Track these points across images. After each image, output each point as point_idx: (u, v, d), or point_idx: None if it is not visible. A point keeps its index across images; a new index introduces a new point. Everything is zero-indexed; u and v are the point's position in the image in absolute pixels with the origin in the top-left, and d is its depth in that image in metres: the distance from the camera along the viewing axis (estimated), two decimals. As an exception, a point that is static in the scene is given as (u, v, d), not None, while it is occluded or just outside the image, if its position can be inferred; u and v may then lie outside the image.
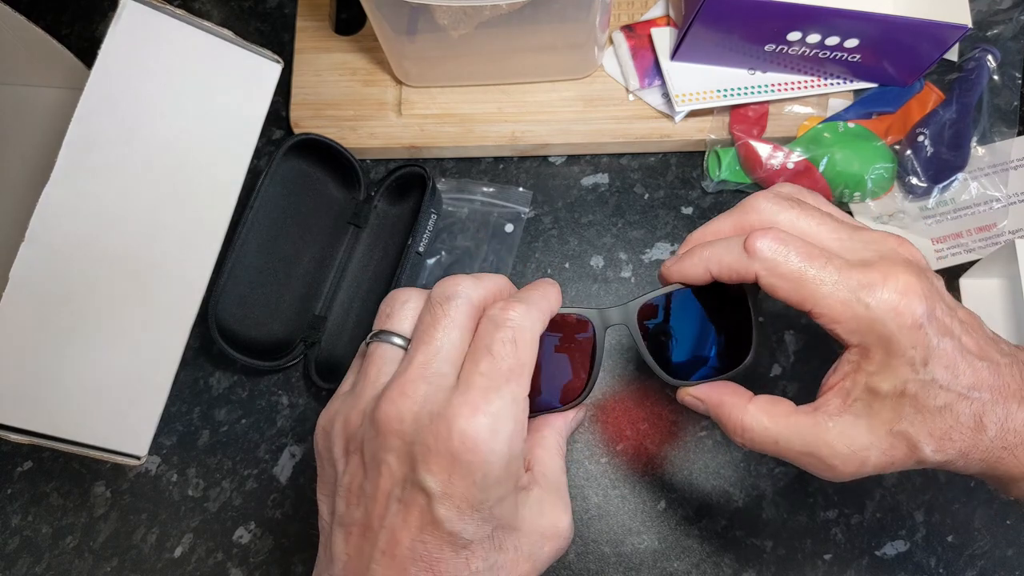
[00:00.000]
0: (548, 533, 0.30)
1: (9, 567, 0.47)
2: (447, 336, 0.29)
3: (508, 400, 0.27)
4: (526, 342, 0.28)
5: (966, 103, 0.50)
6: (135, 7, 0.42)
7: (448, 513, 0.26)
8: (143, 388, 0.45)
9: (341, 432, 0.29)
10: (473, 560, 0.27)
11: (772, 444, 0.32)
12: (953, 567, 0.45)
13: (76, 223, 0.42)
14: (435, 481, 0.26)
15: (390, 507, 0.27)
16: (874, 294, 0.29)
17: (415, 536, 0.27)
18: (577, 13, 0.45)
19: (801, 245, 0.30)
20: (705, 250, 0.32)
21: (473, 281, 0.30)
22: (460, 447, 0.26)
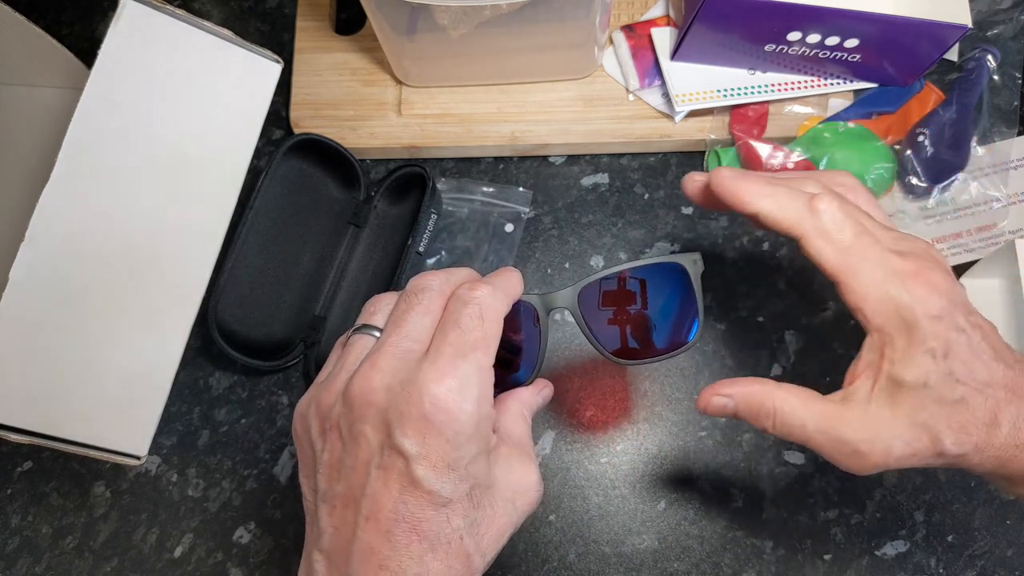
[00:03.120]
0: (520, 487, 0.31)
1: (9, 567, 0.47)
2: (419, 319, 0.30)
3: (474, 367, 0.29)
4: (491, 318, 0.30)
5: (966, 103, 0.50)
6: (135, 7, 0.42)
7: (426, 472, 0.28)
8: (143, 388, 0.45)
9: (316, 413, 0.31)
10: (454, 518, 0.28)
11: (800, 429, 0.32)
12: (953, 567, 0.45)
13: (76, 223, 0.42)
14: (411, 443, 0.28)
15: (370, 474, 0.28)
16: (908, 282, 0.31)
17: (396, 498, 0.28)
18: (577, 13, 0.45)
19: (856, 221, 0.32)
20: (768, 186, 0.33)
21: (445, 274, 0.32)
22: (432, 409, 0.28)
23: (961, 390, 0.30)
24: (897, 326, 0.31)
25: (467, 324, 0.30)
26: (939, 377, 0.30)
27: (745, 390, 0.34)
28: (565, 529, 0.47)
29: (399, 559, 0.28)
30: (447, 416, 0.28)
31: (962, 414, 0.30)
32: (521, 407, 0.35)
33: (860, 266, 0.31)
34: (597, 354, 0.49)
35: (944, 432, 0.31)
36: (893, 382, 0.31)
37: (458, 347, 0.29)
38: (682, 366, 0.49)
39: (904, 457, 0.31)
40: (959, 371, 0.30)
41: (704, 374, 0.49)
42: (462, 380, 0.28)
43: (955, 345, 0.30)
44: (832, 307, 0.50)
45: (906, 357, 0.31)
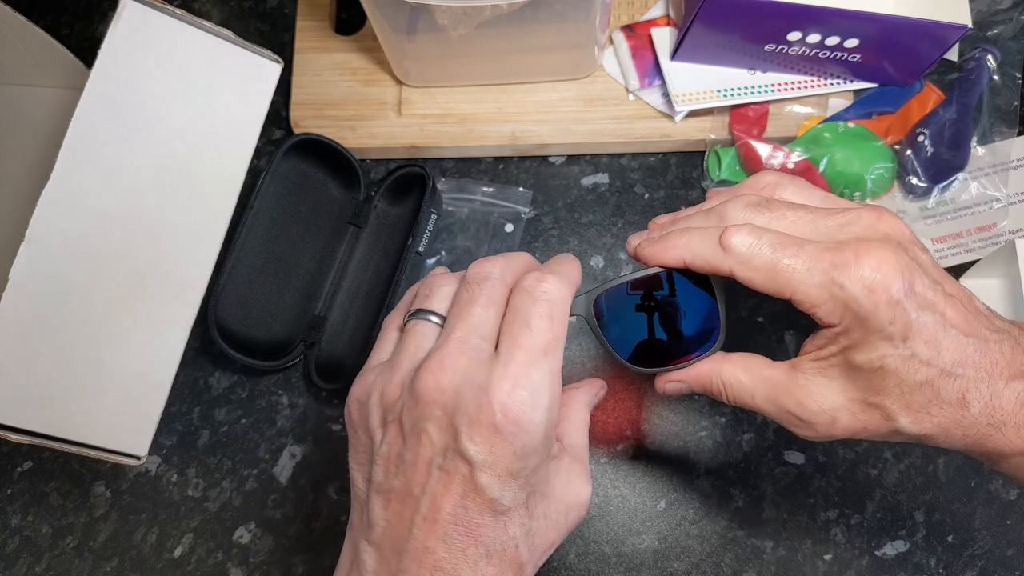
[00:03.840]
0: (573, 502, 0.31)
1: (9, 567, 0.47)
2: (484, 312, 0.30)
3: (546, 373, 0.28)
4: (560, 316, 0.29)
5: (966, 103, 0.50)
6: (135, 7, 0.42)
7: (490, 481, 0.27)
8: (143, 388, 0.45)
9: (378, 403, 0.30)
10: (511, 526, 0.28)
11: (749, 398, 0.33)
12: (953, 567, 0.45)
13: (76, 223, 0.42)
14: (478, 451, 0.27)
15: (431, 474, 0.28)
16: (847, 273, 0.29)
17: (457, 502, 0.28)
18: (577, 13, 0.45)
19: (774, 236, 0.30)
20: (681, 237, 0.32)
21: (504, 261, 0.31)
22: (503, 419, 0.27)
23: (925, 372, 0.29)
24: (852, 320, 0.29)
25: (537, 325, 0.29)
26: (898, 360, 0.29)
27: (694, 373, 0.34)
28: (565, 529, 0.47)
29: (454, 562, 0.28)
30: (518, 428, 0.27)
31: (925, 395, 0.29)
32: (584, 413, 0.34)
33: (793, 277, 0.30)
34: (596, 357, 0.50)
35: (900, 412, 0.30)
36: (847, 362, 0.30)
37: (530, 352, 0.28)
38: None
39: (853, 429, 0.31)
40: (923, 352, 0.29)
41: (704, 374, 0.49)
42: (534, 390, 0.28)
43: (916, 325, 0.29)
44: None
45: (862, 343, 0.30)
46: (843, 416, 0.31)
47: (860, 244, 0.29)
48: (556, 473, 0.31)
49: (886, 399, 0.30)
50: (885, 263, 0.29)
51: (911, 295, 0.29)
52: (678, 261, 0.33)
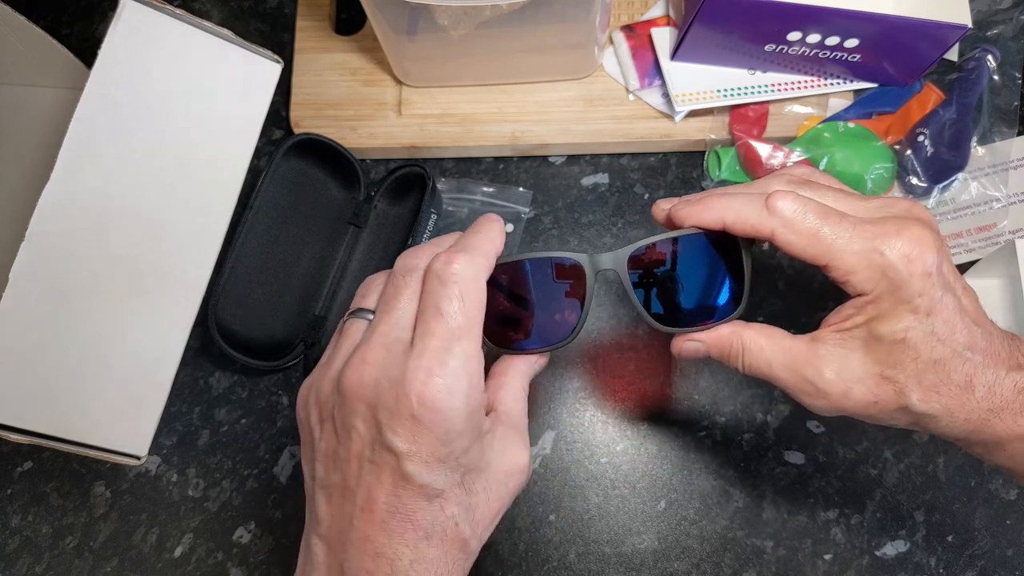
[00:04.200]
0: (512, 469, 0.31)
1: (9, 567, 0.47)
2: (407, 305, 0.30)
3: (461, 359, 0.29)
4: (472, 296, 0.30)
5: (966, 103, 0.50)
6: (135, 7, 0.42)
7: (417, 468, 0.28)
8: (143, 388, 0.45)
9: (315, 401, 0.31)
10: (447, 506, 0.29)
11: (766, 366, 0.33)
12: (953, 567, 0.45)
13: (76, 223, 0.42)
14: (401, 441, 0.28)
15: (363, 467, 0.29)
16: (888, 242, 0.30)
17: (390, 492, 0.29)
18: (577, 13, 0.45)
19: (818, 205, 0.32)
20: (723, 200, 0.33)
21: (431, 250, 0.31)
22: (420, 410, 0.28)
23: (941, 350, 0.30)
24: (885, 288, 0.30)
25: (447, 309, 0.29)
26: (920, 334, 0.30)
27: (715, 334, 0.34)
28: (565, 529, 0.47)
29: (394, 547, 0.29)
30: (437, 415, 0.28)
31: (937, 374, 0.30)
32: (522, 381, 0.34)
33: (835, 244, 0.31)
34: (597, 354, 0.50)
35: (913, 388, 0.31)
36: (869, 333, 0.31)
37: (442, 338, 0.29)
38: (682, 366, 0.49)
39: (865, 403, 0.32)
40: (941, 331, 0.30)
41: (704, 374, 0.49)
42: (450, 377, 0.28)
43: (940, 304, 0.30)
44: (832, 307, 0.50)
45: (889, 313, 0.31)
46: (857, 388, 0.31)
47: (900, 220, 0.31)
48: (490, 446, 0.31)
49: (901, 373, 0.31)
50: (924, 239, 0.30)
51: (940, 274, 0.30)
52: (718, 222, 0.33)
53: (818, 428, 0.48)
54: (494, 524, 0.31)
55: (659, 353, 0.50)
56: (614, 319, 0.50)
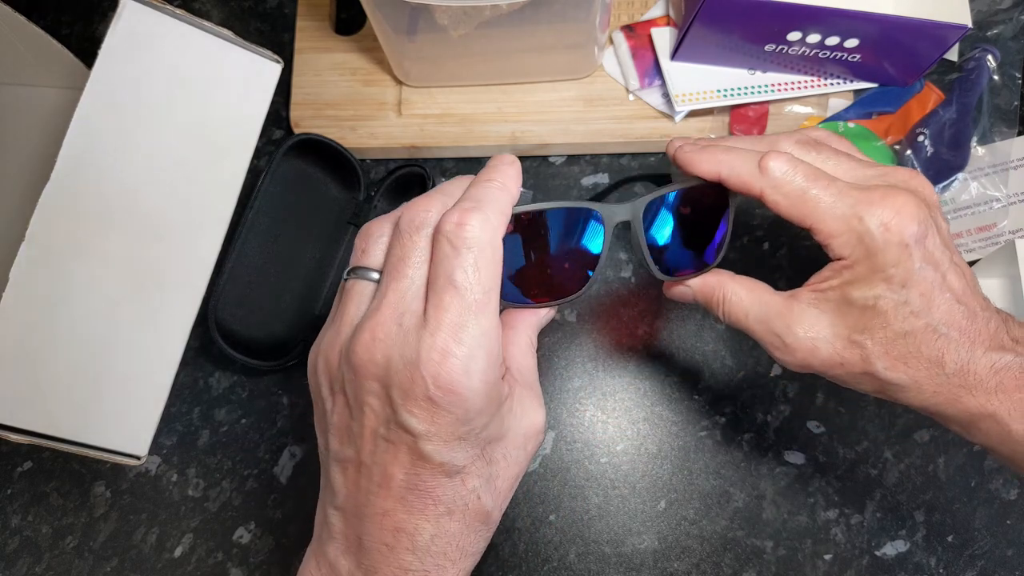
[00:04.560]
0: (530, 432, 0.31)
1: (9, 567, 0.47)
2: (417, 271, 0.28)
3: (478, 335, 0.27)
4: (488, 263, 0.27)
5: (966, 103, 0.50)
6: (135, 7, 0.42)
7: (436, 448, 0.27)
8: (143, 388, 0.45)
9: (324, 371, 0.30)
10: (468, 480, 0.28)
11: (743, 316, 0.34)
12: (953, 567, 0.45)
13: (76, 223, 0.42)
14: (417, 422, 0.27)
15: (378, 445, 0.28)
16: (869, 210, 0.31)
17: (408, 470, 0.28)
18: (577, 13, 0.45)
19: (808, 168, 0.32)
20: (723, 153, 0.34)
21: (441, 201, 0.29)
22: (436, 391, 0.26)
23: (912, 322, 0.30)
24: (862, 254, 0.31)
25: (463, 281, 0.27)
26: (891, 304, 0.31)
27: (700, 281, 0.36)
28: (565, 529, 0.47)
29: (415, 522, 0.28)
30: (455, 397, 0.26)
31: (907, 345, 0.31)
32: (530, 335, 0.33)
33: (818, 207, 0.31)
34: (597, 354, 0.50)
35: (878, 357, 0.31)
36: (842, 296, 0.32)
37: (457, 313, 0.26)
38: (682, 367, 0.49)
39: (830, 362, 0.32)
40: (916, 303, 0.30)
41: (704, 374, 0.49)
42: (467, 356, 0.26)
43: (916, 275, 0.30)
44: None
45: (863, 279, 0.31)
46: (824, 348, 0.32)
47: (889, 188, 0.31)
48: (509, 411, 0.30)
49: (869, 340, 0.31)
50: (905, 208, 0.30)
51: (920, 246, 0.30)
52: (714, 175, 0.34)
53: (818, 428, 0.48)
54: (514, 489, 0.31)
55: (660, 353, 0.50)
56: (614, 319, 0.50)
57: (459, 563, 0.29)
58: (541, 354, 0.50)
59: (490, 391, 0.27)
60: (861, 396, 0.48)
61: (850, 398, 0.48)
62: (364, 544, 0.28)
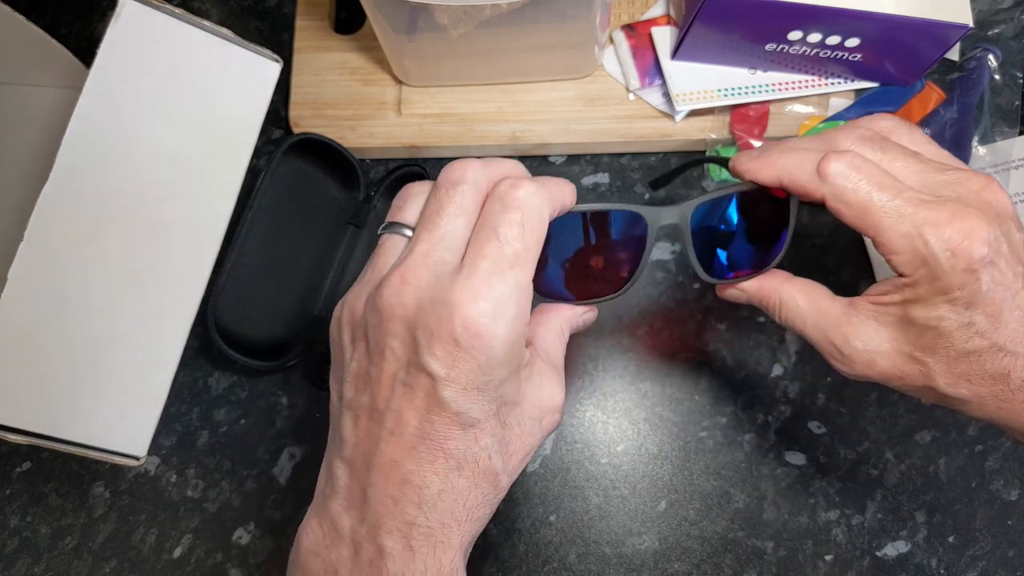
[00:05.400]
0: (547, 407, 0.30)
1: (8, 568, 0.47)
2: (451, 223, 0.28)
3: (512, 285, 0.27)
4: (534, 226, 0.28)
5: (967, 103, 0.50)
6: (134, 6, 0.42)
7: (453, 395, 0.27)
8: (143, 388, 0.45)
9: (348, 320, 0.30)
10: (482, 437, 0.28)
11: (800, 323, 0.34)
12: (954, 568, 0.45)
13: (76, 223, 0.42)
14: (439, 364, 0.26)
15: (395, 390, 0.28)
16: (936, 231, 0.29)
17: (422, 416, 0.27)
18: (577, 12, 0.45)
19: (874, 174, 0.30)
20: (781, 158, 0.33)
21: (482, 165, 0.29)
22: (463, 332, 0.26)
23: (978, 342, 0.30)
24: (924, 276, 0.30)
25: (506, 234, 0.27)
26: (955, 325, 0.30)
27: (756, 284, 0.35)
28: (565, 530, 0.47)
29: (423, 474, 0.27)
30: (479, 341, 0.26)
31: (969, 364, 0.30)
32: (562, 324, 0.33)
33: (882, 221, 0.30)
34: (597, 354, 0.49)
35: (941, 374, 0.30)
36: (904, 313, 0.31)
37: (495, 262, 0.27)
38: (682, 367, 0.49)
39: (889, 375, 0.32)
40: (981, 324, 0.29)
41: (705, 374, 0.49)
42: (497, 301, 0.26)
43: (983, 297, 0.29)
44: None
45: (925, 300, 0.30)
46: (883, 362, 0.31)
47: (958, 206, 0.29)
48: (528, 379, 0.30)
49: (931, 358, 0.30)
50: (976, 232, 0.29)
51: (988, 268, 0.29)
52: (773, 180, 0.33)
53: (819, 429, 0.48)
54: (525, 462, 0.30)
55: (660, 353, 0.49)
56: (614, 319, 0.50)
57: (464, 525, 0.28)
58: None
59: (513, 345, 0.27)
60: (862, 397, 0.48)
61: (851, 399, 0.48)
62: (368, 497, 0.28)
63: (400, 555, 0.27)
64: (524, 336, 0.28)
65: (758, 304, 0.35)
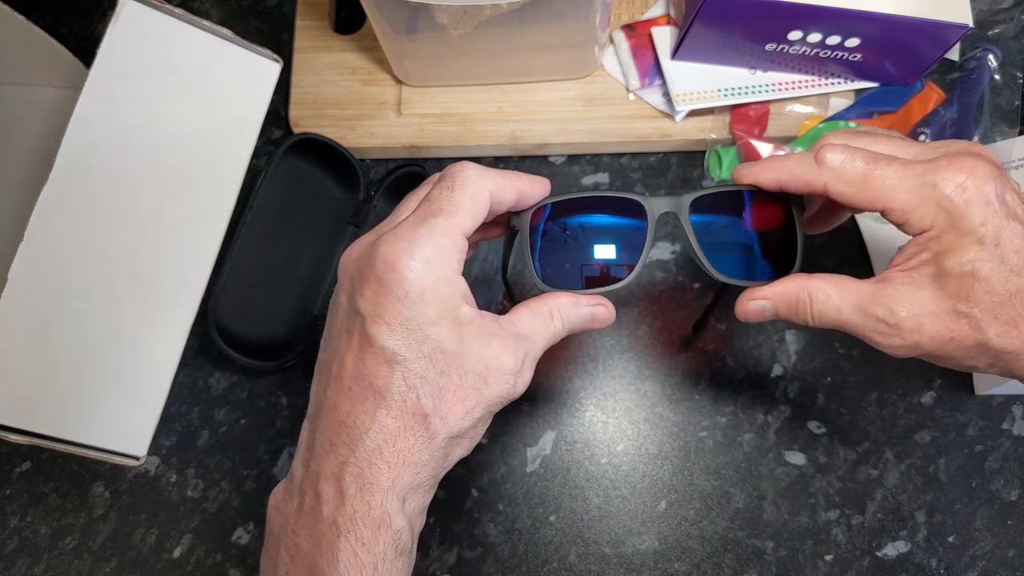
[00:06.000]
0: (492, 365, 0.30)
1: (8, 568, 0.47)
2: (410, 205, 0.32)
3: (429, 229, 0.29)
4: (466, 189, 0.30)
5: (967, 102, 0.50)
6: (134, 6, 0.42)
7: (379, 330, 0.29)
8: (143, 388, 0.45)
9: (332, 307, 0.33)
10: (410, 376, 0.29)
11: (835, 313, 0.32)
12: (954, 568, 0.45)
13: (75, 223, 0.42)
14: (366, 303, 0.29)
15: (340, 338, 0.30)
16: (940, 175, 0.30)
17: (356, 356, 0.29)
18: (577, 12, 0.45)
19: (866, 152, 0.31)
20: (779, 160, 0.34)
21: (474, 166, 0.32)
22: (382, 267, 0.29)
23: (1016, 281, 0.29)
24: (944, 221, 0.30)
25: (435, 195, 0.30)
26: (990, 266, 0.29)
27: (779, 288, 0.34)
28: (565, 530, 0.47)
29: (355, 414, 0.29)
30: (396, 275, 0.28)
31: (1014, 307, 0.29)
32: (551, 307, 0.33)
33: (885, 185, 0.30)
34: (597, 354, 0.49)
35: (989, 323, 0.30)
36: (938, 268, 0.30)
37: (421, 214, 0.30)
38: (682, 367, 0.49)
39: (941, 338, 0.31)
40: (1013, 261, 0.29)
41: (704, 374, 0.49)
42: (413, 241, 0.29)
43: (1007, 232, 0.29)
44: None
45: (954, 246, 0.30)
46: (930, 323, 0.31)
47: (953, 155, 0.30)
48: (471, 335, 0.30)
49: (975, 307, 0.30)
50: (978, 168, 0.29)
51: (1003, 202, 0.29)
52: (773, 183, 0.34)
53: (819, 429, 0.48)
54: (469, 417, 0.30)
55: (659, 353, 0.49)
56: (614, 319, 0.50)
57: (397, 468, 0.29)
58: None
59: (436, 284, 0.29)
60: (862, 397, 0.48)
61: (851, 399, 0.48)
62: (314, 445, 0.30)
63: (332, 499, 0.28)
64: (453, 284, 0.30)
65: (784, 311, 0.34)
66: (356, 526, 0.28)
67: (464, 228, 0.30)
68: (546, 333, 0.33)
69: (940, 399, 0.48)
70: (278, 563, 0.30)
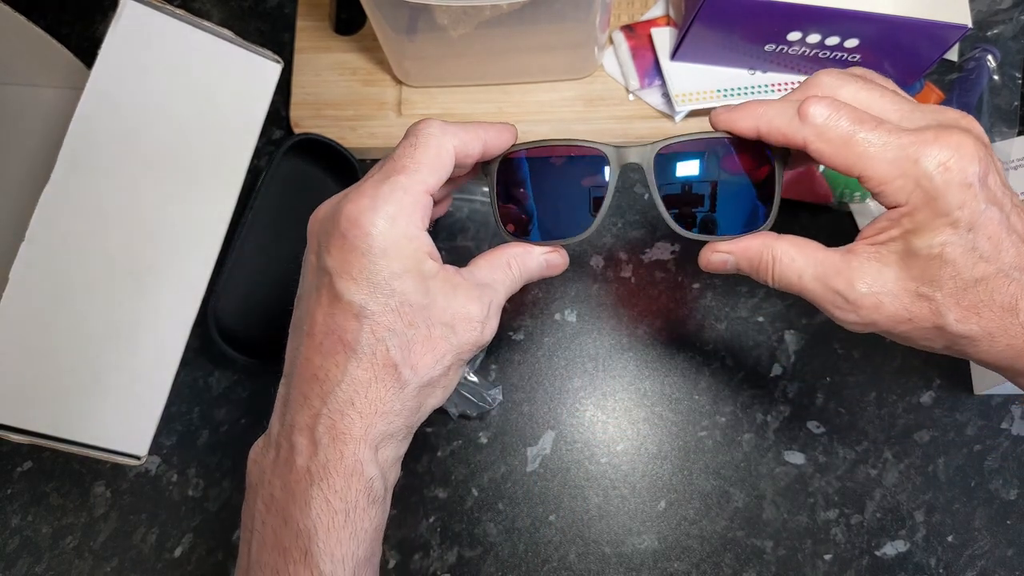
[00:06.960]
0: (459, 314, 0.31)
1: (9, 567, 0.47)
2: None
3: (391, 186, 0.30)
4: (428, 146, 0.31)
5: (966, 103, 0.50)
6: (135, 7, 0.42)
7: (346, 285, 0.29)
8: (143, 388, 0.45)
9: None
10: (378, 329, 0.29)
11: (796, 278, 0.32)
12: (953, 567, 0.45)
13: (76, 223, 0.42)
14: (332, 260, 0.30)
15: (311, 296, 0.31)
16: (924, 150, 0.28)
17: (326, 311, 0.30)
18: (577, 13, 0.45)
19: (853, 111, 0.30)
20: (759, 107, 0.32)
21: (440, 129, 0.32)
22: (346, 224, 0.29)
23: (983, 268, 0.28)
24: (920, 199, 0.29)
25: (398, 153, 0.31)
26: (960, 250, 0.28)
27: (743, 244, 0.33)
28: (565, 529, 0.47)
29: (327, 368, 0.30)
30: (359, 230, 0.29)
31: (978, 293, 0.29)
32: (509, 258, 0.34)
33: (867, 151, 0.29)
34: (597, 353, 0.50)
35: (950, 307, 0.29)
36: (906, 247, 0.30)
37: (384, 172, 0.30)
38: (682, 367, 0.49)
39: (897, 318, 0.30)
40: (984, 247, 0.28)
41: (704, 373, 0.49)
42: (376, 199, 0.29)
43: (983, 217, 0.28)
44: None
45: (926, 226, 0.29)
46: (889, 303, 0.30)
47: (941, 128, 0.29)
48: (437, 287, 0.31)
49: (938, 291, 0.29)
50: (964, 147, 0.28)
51: (984, 185, 0.28)
52: (752, 131, 0.32)
53: (818, 428, 0.48)
54: (438, 366, 0.30)
55: (659, 353, 0.50)
56: (614, 319, 0.50)
57: (369, 418, 0.29)
58: (541, 353, 0.50)
59: (399, 239, 0.29)
60: (861, 397, 0.48)
61: (850, 398, 0.48)
62: (289, 400, 0.31)
63: (305, 449, 0.29)
64: (415, 238, 0.30)
65: (746, 268, 0.33)
66: (328, 474, 0.29)
67: (427, 185, 0.30)
68: (506, 281, 0.34)
69: (939, 399, 0.48)
70: (255, 513, 0.30)
